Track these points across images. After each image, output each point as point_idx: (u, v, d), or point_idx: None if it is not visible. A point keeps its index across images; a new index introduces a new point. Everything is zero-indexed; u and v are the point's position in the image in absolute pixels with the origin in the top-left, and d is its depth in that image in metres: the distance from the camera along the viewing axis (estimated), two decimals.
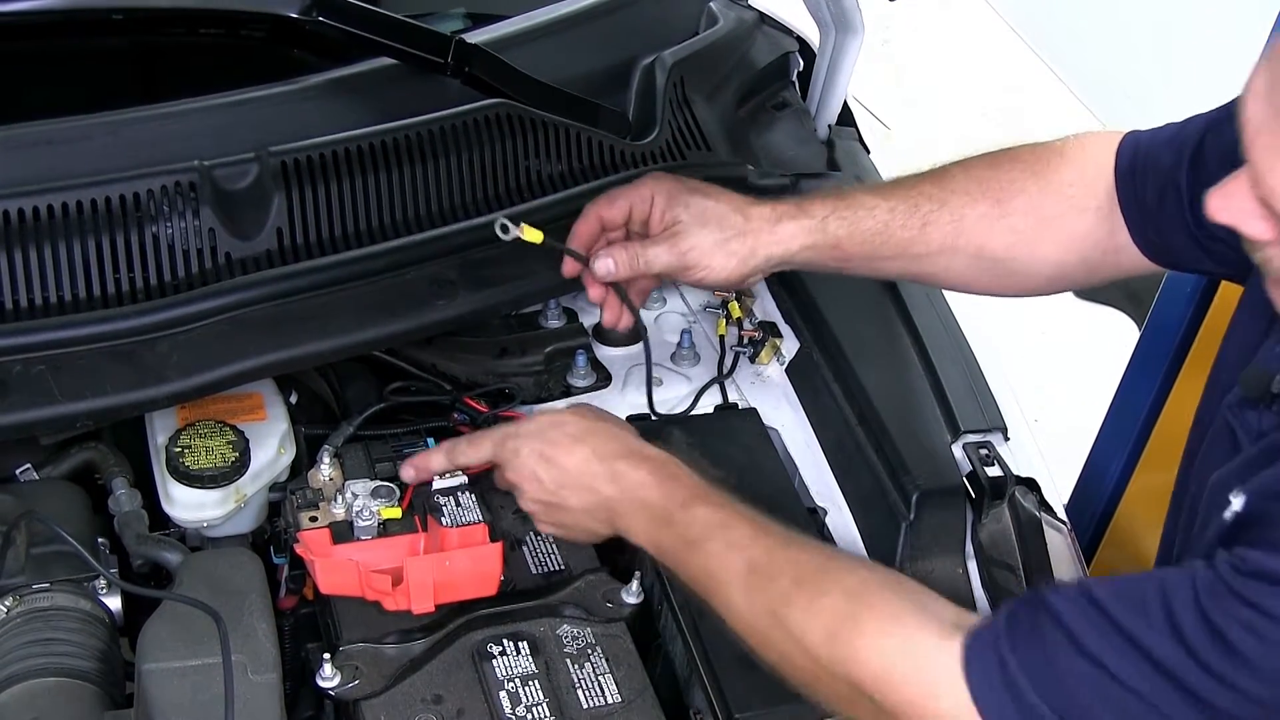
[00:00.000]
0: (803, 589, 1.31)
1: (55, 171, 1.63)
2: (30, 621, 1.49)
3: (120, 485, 1.66)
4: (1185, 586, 1.17)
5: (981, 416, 1.78)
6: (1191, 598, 1.16)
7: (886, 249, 1.61)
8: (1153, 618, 1.17)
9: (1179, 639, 1.15)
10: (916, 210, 1.59)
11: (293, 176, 1.70)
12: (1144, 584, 1.20)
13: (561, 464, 1.51)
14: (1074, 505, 2.49)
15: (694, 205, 1.59)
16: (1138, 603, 1.18)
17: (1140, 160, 1.54)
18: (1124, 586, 1.21)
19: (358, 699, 1.44)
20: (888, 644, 1.26)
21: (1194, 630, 1.14)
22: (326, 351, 1.67)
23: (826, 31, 2.19)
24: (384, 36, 1.79)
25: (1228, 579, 1.15)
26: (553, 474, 1.52)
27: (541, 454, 1.52)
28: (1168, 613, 1.16)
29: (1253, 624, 1.12)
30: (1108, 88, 5.05)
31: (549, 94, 1.89)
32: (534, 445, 1.53)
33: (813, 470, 1.79)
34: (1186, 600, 1.16)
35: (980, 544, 1.66)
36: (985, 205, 1.59)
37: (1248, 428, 1.34)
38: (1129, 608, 1.18)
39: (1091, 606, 1.20)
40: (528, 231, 1.62)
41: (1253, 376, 1.33)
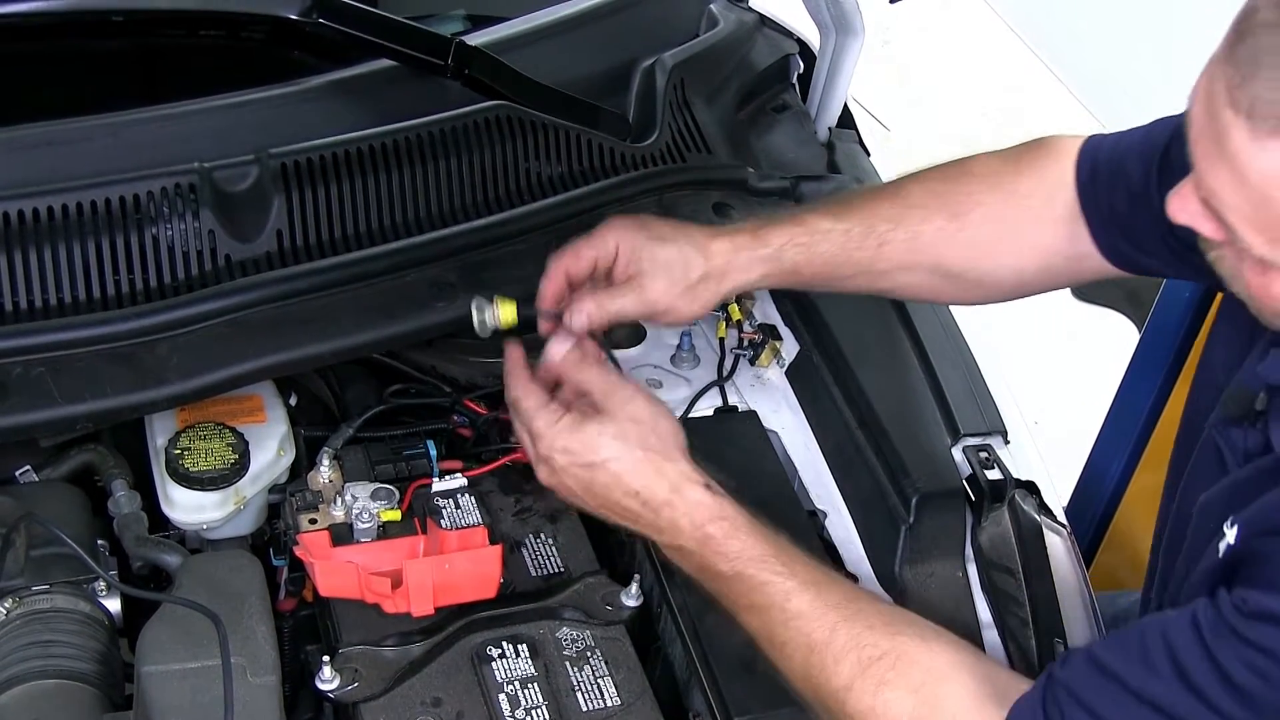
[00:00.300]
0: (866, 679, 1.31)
1: (55, 173, 1.63)
2: (30, 623, 1.49)
3: (120, 487, 1.66)
4: (1187, 630, 1.19)
5: (981, 419, 1.78)
6: (1195, 640, 1.18)
7: (844, 270, 1.60)
8: (1159, 668, 1.19)
9: (1187, 685, 1.17)
10: (872, 231, 1.58)
11: (293, 178, 1.70)
12: (1146, 634, 1.22)
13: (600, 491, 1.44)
14: (1073, 508, 2.49)
15: (655, 253, 1.56)
16: (1141, 656, 1.20)
17: (1103, 168, 1.55)
18: (1126, 641, 1.23)
19: (357, 701, 1.44)
20: None
21: (1201, 674, 1.17)
22: (326, 354, 1.67)
23: (827, 34, 2.19)
24: (384, 38, 1.79)
25: (1231, 620, 1.16)
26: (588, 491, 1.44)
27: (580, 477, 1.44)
28: (1173, 660, 1.18)
29: (1256, 665, 1.15)
30: (1107, 88, 5.05)
31: (549, 96, 1.89)
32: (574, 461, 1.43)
33: (812, 473, 1.79)
34: (1190, 644, 1.18)
35: (980, 547, 1.66)
36: (941, 220, 1.58)
37: (1233, 446, 1.35)
38: (1134, 663, 1.21)
39: (1098, 672, 1.22)
40: (504, 310, 1.58)
41: (1235, 396, 1.36)
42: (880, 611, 1.37)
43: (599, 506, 1.45)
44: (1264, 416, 1.32)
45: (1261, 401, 1.32)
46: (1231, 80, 1.09)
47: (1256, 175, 1.10)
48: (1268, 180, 1.10)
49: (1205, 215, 1.18)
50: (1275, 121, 1.07)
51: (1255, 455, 1.33)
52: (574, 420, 1.43)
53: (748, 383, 1.89)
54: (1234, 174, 1.12)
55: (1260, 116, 1.08)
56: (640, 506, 1.42)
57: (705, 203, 1.97)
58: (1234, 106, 1.09)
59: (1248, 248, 1.16)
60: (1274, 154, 1.08)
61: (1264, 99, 1.07)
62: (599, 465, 1.41)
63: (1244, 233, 1.15)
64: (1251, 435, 1.33)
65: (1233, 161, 1.11)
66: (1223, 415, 1.37)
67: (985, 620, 1.62)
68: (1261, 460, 1.30)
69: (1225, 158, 1.12)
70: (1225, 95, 1.10)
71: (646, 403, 1.45)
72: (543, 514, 1.67)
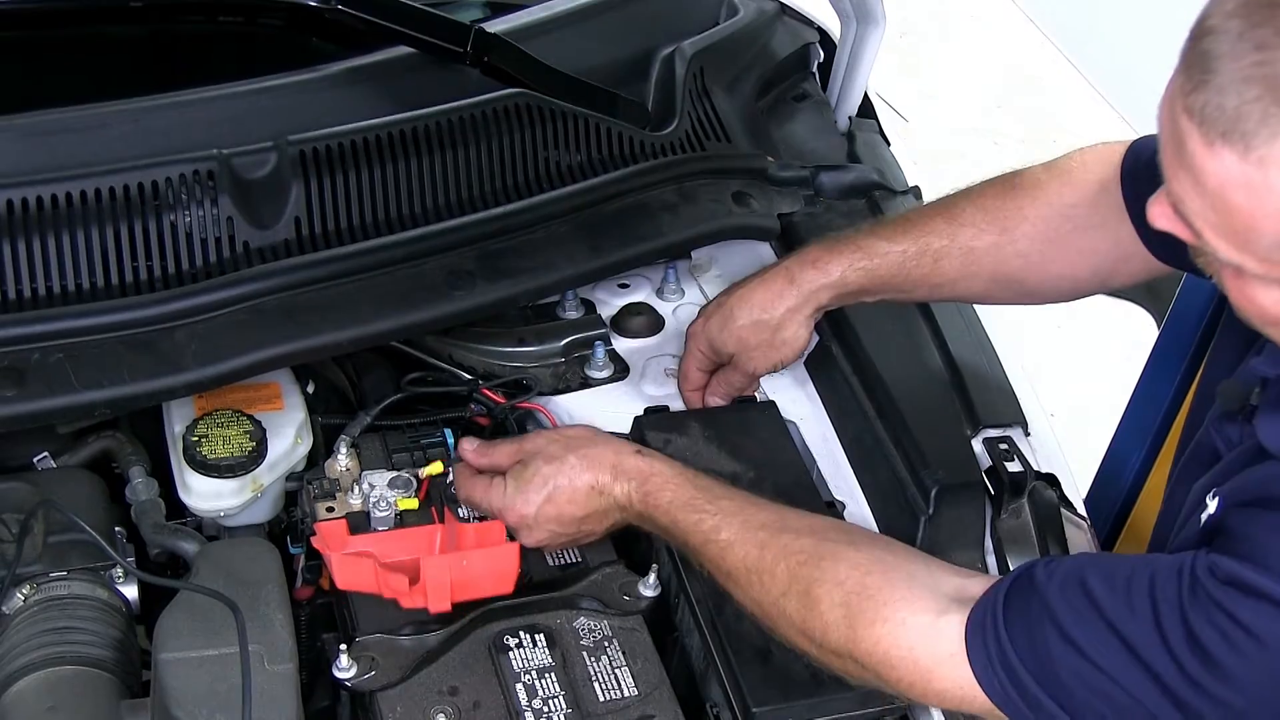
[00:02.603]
0: (797, 581, 1.38)
1: (74, 159, 1.63)
2: (47, 610, 1.49)
3: (137, 474, 1.66)
4: (1173, 578, 1.21)
5: (1001, 411, 1.77)
6: (1176, 595, 1.20)
7: (906, 285, 1.70)
8: (1138, 610, 1.21)
9: (1161, 638, 1.19)
10: (928, 250, 1.67)
11: (311, 166, 1.70)
12: (1136, 572, 1.24)
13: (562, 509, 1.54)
14: (1092, 499, 2.48)
15: (733, 334, 1.74)
16: (1126, 590, 1.23)
17: (1144, 168, 1.56)
18: (1114, 571, 1.25)
19: (374, 690, 1.44)
20: (883, 635, 1.33)
21: (1175, 633, 1.19)
22: (344, 341, 1.66)
23: (847, 23, 2.18)
24: (403, 25, 1.79)
25: (1205, 583, 1.19)
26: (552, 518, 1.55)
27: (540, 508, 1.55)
28: (1153, 607, 1.20)
29: (1226, 632, 1.17)
30: (1126, 78, 5.02)
31: (568, 84, 1.88)
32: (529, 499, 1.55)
33: (831, 464, 1.78)
34: (1172, 598, 1.20)
35: (999, 539, 1.65)
36: (992, 235, 1.66)
37: (1227, 441, 1.37)
38: (1117, 595, 1.23)
39: (1080, 590, 1.25)
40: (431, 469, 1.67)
41: (1231, 390, 1.37)
42: (808, 522, 1.45)
43: (579, 529, 1.56)
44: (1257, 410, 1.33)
45: (1255, 396, 1.33)
46: (1184, 87, 1.11)
47: (1212, 180, 1.11)
48: (1223, 185, 1.11)
49: (1179, 221, 1.19)
50: (1225, 126, 1.08)
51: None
52: (512, 477, 1.56)
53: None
54: (1194, 180, 1.13)
55: (1210, 122, 1.09)
56: (599, 500, 1.53)
57: (725, 191, 1.97)
58: (1187, 112, 1.11)
59: (1214, 252, 1.17)
60: (1224, 160, 1.09)
61: (1213, 104, 1.09)
62: (549, 496, 1.54)
63: (1209, 239, 1.16)
64: (1246, 430, 1.34)
65: (1190, 168, 1.12)
66: (1220, 410, 1.39)
67: None
68: (1244, 445, 1.32)
69: (1185, 164, 1.13)
70: (1180, 101, 1.11)
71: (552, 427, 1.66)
72: None
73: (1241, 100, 1.07)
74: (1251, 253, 1.14)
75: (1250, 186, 1.09)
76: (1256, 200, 1.10)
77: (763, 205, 1.99)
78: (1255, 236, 1.12)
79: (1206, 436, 1.41)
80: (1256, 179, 1.08)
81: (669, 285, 1.98)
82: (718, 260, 2.05)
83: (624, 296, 1.97)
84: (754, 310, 1.73)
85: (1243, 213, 1.11)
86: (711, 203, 1.94)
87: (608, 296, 1.96)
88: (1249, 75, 1.07)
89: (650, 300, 1.98)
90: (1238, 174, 1.09)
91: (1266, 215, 1.10)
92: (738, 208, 1.96)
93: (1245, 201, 1.10)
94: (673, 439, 1.70)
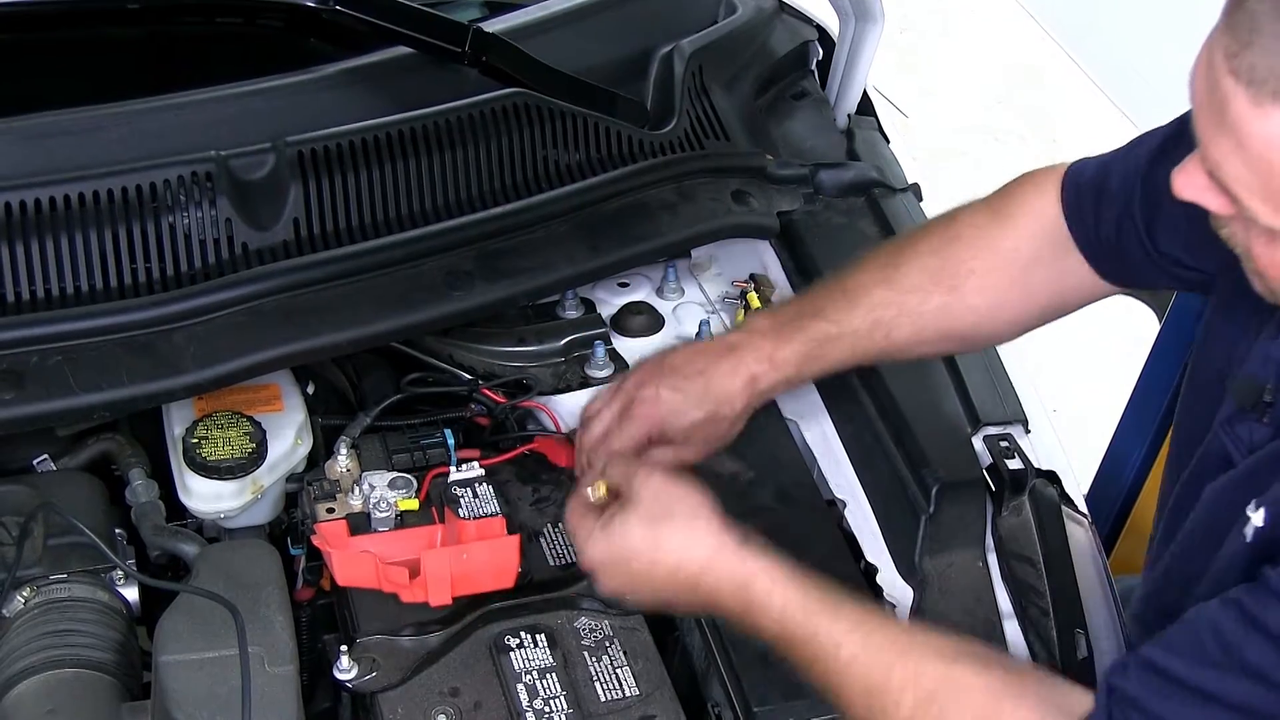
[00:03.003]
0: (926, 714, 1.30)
1: (72, 162, 1.63)
2: (47, 613, 1.49)
3: (137, 476, 1.66)
4: (1234, 614, 1.18)
5: (1002, 408, 1.77)
6: (1240, 620, 1.17)
7: (859, 360, 1.66)
8: (1212, 656, 1.18)
9: (1242, 667, 1.16)
10: (878, 324, 1.62)
11: (309, 167, 1.70)
12: (1197, 626, 1.21)
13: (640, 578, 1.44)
14: (1093, 496, 2.47)
15: (683, 422, 1.62)
16: (1194, 649, 1.19)
17: (1087, 192, 1.57)
18: (1176, 638, 1.22)
19: (375, 691, 1.44)
20: None
21: (1254, 652, 1.15)
22: (343, 342, 1.66)
23: (846, 20, 2.17)
24: (401, 25, 1.79)
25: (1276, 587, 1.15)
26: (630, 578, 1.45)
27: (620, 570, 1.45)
28: (1223, 646, 1.17)
29: None
30: (1126, 73, 5.02)
31: (567, 83, 1.88)
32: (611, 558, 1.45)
33: (831, 462, 1.78)
34: (1236, 625, 1.17)
35: (1000, 537, 1.65)
36: (939, 297, 1.62)
37: (1238, 442, 1.35)
38: (1187, 658, 1.19)
39: (1154, 674, 1.21)
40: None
41: (1243, 386, 1.35)
42: (933, 643, 1.35)
43: (654, 596, 1.45)
44: (1272, 408, 1.32)
45: (1270, 393, 1.31)
46: (1229, 49, 1.09)
47: (1258, 142, 1.10)
48: (1269, 147, 1.10)
49: (1211, 189, 1.18)
50: (1273, 86, 1.07)
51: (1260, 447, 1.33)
52: (603, 524, 1.44)
53: None
54: (1236, 143, 1.11)
55: (1259, 82, 1.08)
56: (683, 581, 1.42)
57: (724, 190, 1.96)
58: (1233, 74, 1.09)
59: (1254, 218, 1.15)
60: (1274, 120, 1.08)
61: (1262, 65, 1.07)
62: (633, 555, 1.43)
63: (1249, 203, 1.14)
64: (1258, 429, 1.33)
65: (1234, 130, 1.11)
66: (1233, 409, 1.37)
67: (1006, 610, 1.61)
68: (1273, 445, 1.30)
69: (1227, 127, 1.11)
70: (1224, 64, 1.10)
71: (664, 476, 1.47)
72: (560, 503, 1.67)
73: None
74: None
75: None
76: None
77: (762, 204, 1.98)
78: None
79: (1215, 439, 1.40)
80: None
81: (669, 284, 1.98)
82: (717, 259, 2.05)
83: (624, 296, 1.97)
84: (709, 408, 1.63)
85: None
86: (711, 201, 1.94)
87: (608, 296, 1.96)
88: None
89: (650, 299, 1.97)
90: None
91: None
92: (737, 206, 1.96)
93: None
94: None
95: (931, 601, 1.59)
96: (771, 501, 1.67)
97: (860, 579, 1.63)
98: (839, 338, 1.62)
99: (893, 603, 1.61)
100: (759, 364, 1.63)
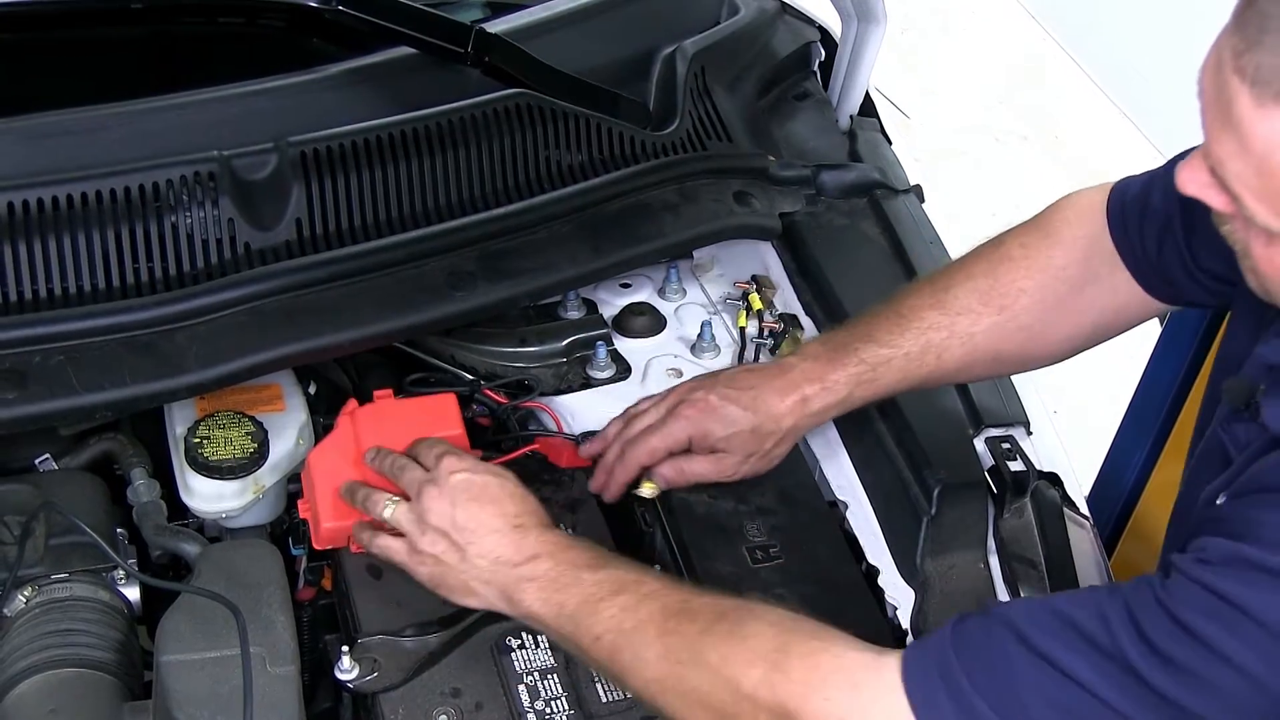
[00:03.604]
0: (724, 620, 1.31)
1: (74, 161, 1.63)
2: (49, 612, 1.49)
3: (139, 476, 1.66)
4: (1148, 583, 1.18)
5: (1004, 410, 1.77)
6: (1151, 593, 1.16)
7: (912, 385, 1.67)
8: (1113, 616, 1.17)
9: (1141, 637, 1.15)
10: (929, 348, 1.63)
11: (312, 167, 1.70)
12: (1099, 590, 1.22)
13: (483, 508, 1.45)
14: (1095, 499, 2.48)
15: (729, 435, 1.64)
16: (1094, 603, 1.19)
17: (1131, 209, 1.57)
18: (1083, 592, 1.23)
19: (376, 691, 1.44)
20: (820, 661, 1.26)
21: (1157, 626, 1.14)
22: (345, 343, 1.66)
23: (848, 21, 2.17)
24: (404, 26, 1.79)
25: (1191, 571, 1.16)
26: (470, 514, 1.45)
27: (472, 489, 1.46)
28: (1129, 610, 1.16)
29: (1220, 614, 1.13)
30: (1127, 74, 5.02)
31: (569, 84, 1.88)
32: (470, 478, 1.47)
33: (834, 463, 1.78)
34: (1149, 597, 1.16)
35: (1002, 539, 1.65)
36: (990, 317, 1.63)
37: (1236, 442, 1.35)
38: (1086, 608, 1.19)
39: (1046, 611, 1.20)
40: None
41: (1237, 387, 1.35)
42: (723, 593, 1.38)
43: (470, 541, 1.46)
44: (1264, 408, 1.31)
45: (1261, 393, 1.31)
46: (1237, 47, 1.09)
47: (1259, 142, 1.10)
48: (1270, 147, 1.10)
49: (1213, 186, 1.18)
50: (1277, 87, 1.07)
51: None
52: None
53: None
54: (1238, 142, 1.11)
55: (1263, 82, 1.08)
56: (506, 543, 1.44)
57: (726, 191, 1.96)
58: (1239, 73, 1.09)
59: (1252, 216, 1.15)
60: (1275, 121, 1.08)
61: (1267, 65, 1.07)
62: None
63: (1249, 202, 1.14)
64: (1253, 429, 1.33)
65: (1237, 129, 1.11)
66: (1227, 409, 1.37)
67: None
68: (1256, 443, 1.31)
69: (1230, 125, 1.12)
70: (1231, 62, 1.10)
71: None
72: (562, 503, 1.67)
73: None
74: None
75: None
76: None
77: (764, 205, 1.98)
78: None
79: (1215, 438, 1.40)
80: None
81: (671, 285, 1.98)
82: (720, 260, 2.05)
83: (626, 296, 1.97)
84: (758, 423, 1.64)
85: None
86: (713, 202, 1.94)
87: (609, 296, 1.96)
88: None
89: (652, 300, 1.97)
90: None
91: None
92: (739, 207, 1.96)
93: None
94: None
95: (933, 603, 1.59)
96: (773, 503, 1.67)
97: (861, 580, 1.63)
98: (890, 361, 1.64)
99: (894, 604, 1.61)
100: (810, 385, 1.65)
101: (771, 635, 1.28)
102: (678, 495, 1.65)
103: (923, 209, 2.07)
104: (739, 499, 1.66)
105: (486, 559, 1.43)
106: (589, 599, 1.37)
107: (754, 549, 1.61)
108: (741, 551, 1.61)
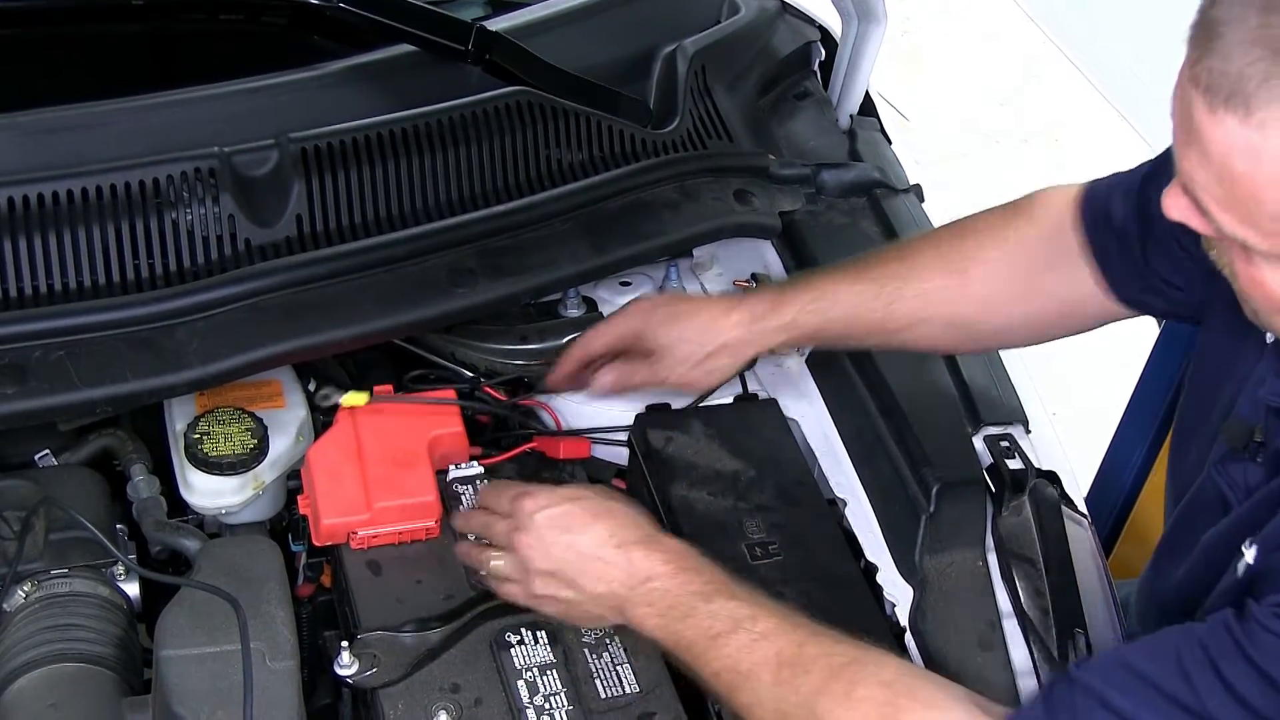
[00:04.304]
0: (838, 680, 1.30)
1: (75, 157, 1.63)
2: (48, 607, 1.49)
3: (139, 472, 1.66)
4: (1223, 634, 1.17)
5: (1002, 408, 1.77)
6: (1232, 642, 1.16)
7: (858, 329, 1.68)
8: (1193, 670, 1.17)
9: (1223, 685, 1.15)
10: (881, 292, 1.65)
11: (312, 163, 1.70)
12: (1179, 638, 1.20)
13: (576, 538, 1.44)
14: (1093, 498, 2.48)
15: (670, 332, 1.69)
16: (1173, 657, 1.19)
17: (1098, 208, 1.58)
18: (1156, 643, 1.22)
19: (375, 687, 1.44)
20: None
21: (1242, 678, 1.14)
22: (345, 339, 1.66)
23: (849, 21, 2.18)
24: (405, 23, 1.79)
25: (1264, 620, 1.15)
26: (566, 546, 1.44)
27: (558, 522, 1.45)
28: (1210, 660, 1.16)
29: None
30: (1127, 77, 5.02)
31: (570, 82, 1.88)
32: (551, 512, 1.45)
33: (832, 461, 1.78)
34: (1228, 646, 1.16)
35: (1000, 537, 1.65)
36: (947, 277, 1.64)
37: (1234, 484, 1.36)
38: (1165, 662, 1.19)
39: (1123, 669, 1.21)
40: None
41: (1235, 428, 1.36)
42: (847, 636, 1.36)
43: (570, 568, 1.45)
44: (1264, 448, 1.32)
45: (1260, 433, 1.32)
46: (1192, 57, 1.10)
47: (1215, 149, 1.10)
48: (1225, 153, 1.09)
49: (1193, 209, 1.17)
50: (1227, 91, 1.07)
51: (1256, 489, 1.33)
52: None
53: (768, 370, 1.88)
54: (1200, 152, 1.11)
55: (1214, 89, 1.08)
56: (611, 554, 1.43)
57: (726, 189, 1.96)
58: (1194, 82, 1.09)
59: (1221, 228, 1.15)
60: (1226, 126, 1.08)
61: (1217, 70, 1.07)
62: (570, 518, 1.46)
63: (1215, 214, 1.14)
64: (1252, 470, 1.33)
65: (1197, 139, 1.11)
66: (1224, 449, 1.37)
67: (1005, 610, 1.61)
68: (1268, 488, 1.31)
69: (1192, 137, 1.12)
70: (1187, 72, 1.10)
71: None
72: None
73: (1244, 63, 1.05)
74: (1255, 226, 1.12)
75: (1251, 152, 1.07)
76: (1257, 165, 1.08)
77: (764, 203, 1.98)
78: (1257, 206, 1.10)
79: (1209, 479, 1.40)
80: (1257, 143, 1.07)
81: (671, 283, 1.98)
82: (719, 258, 2.05)
83: (626, 294, 1.96)
84: (701, 325, 1.69)
85: (1245, 180, 1.09)
86: (713, 201, 1.94)
87: (609, 294, 1.96)
88: (1253, 38, 1.05)
89: None
90: (1240, 139, 1.07)
91: (1268, 182, 1.08)
92: (739, 206, 1.96)
93: (1247, 168, 1.08)
94: (674, 436, 1.70)
95: (931, 601, 1.59)
96: (772, 500, 1.67)
97: (860, 577, 1.63)
98: (838, 294, 1.66)
99: (893, 601, 1.61)
100: (758, 305, 1.68)
101: (881, 700, 1.28)
102: (678, 494, 1.65)
103: (922, 208, 2.07)
104: (738, 496, 1.66)
105: (600, 587, 1.42)
106: (704, 633, 1.36)
107: (753, 546, 1.61)
108: (741, 549, 1.61)
